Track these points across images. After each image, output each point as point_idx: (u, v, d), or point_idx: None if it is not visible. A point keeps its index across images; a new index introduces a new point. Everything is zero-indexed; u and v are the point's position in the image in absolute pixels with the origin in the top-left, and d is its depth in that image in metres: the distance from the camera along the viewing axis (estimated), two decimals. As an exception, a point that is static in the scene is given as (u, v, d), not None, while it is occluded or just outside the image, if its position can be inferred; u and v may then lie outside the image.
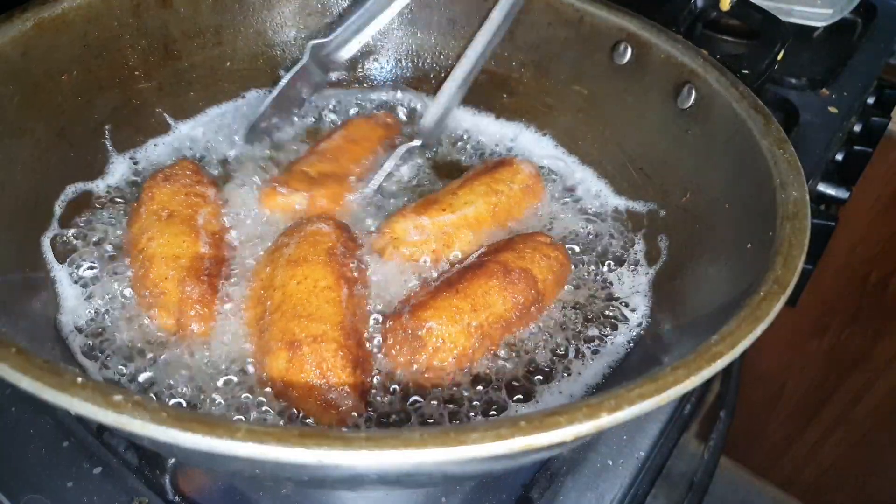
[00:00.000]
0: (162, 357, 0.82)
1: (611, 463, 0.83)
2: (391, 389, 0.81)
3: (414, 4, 1.19)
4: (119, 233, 0.95)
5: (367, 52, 1.23)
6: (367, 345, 0.84)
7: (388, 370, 0.82)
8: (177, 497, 0.77)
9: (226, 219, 0.98)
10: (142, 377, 0.80)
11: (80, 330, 0.84)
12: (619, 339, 0.89)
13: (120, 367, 0.81)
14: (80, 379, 0.45)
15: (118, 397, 0.44)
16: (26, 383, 0.46)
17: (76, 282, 0.88)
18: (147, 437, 0.43)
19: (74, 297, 0.86)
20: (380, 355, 0.84)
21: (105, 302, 0.87)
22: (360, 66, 1.24)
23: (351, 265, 0.88)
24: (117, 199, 1.00)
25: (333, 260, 0.85)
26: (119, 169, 1.03)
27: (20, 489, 0.76)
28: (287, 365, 0.75)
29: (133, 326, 0.85)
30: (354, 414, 0.76)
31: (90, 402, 0.44)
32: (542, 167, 1.11)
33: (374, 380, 0.82)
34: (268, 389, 0.79)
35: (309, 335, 0.76)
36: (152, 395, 0.79)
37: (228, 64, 1.14)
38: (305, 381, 0.74)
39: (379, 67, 1.24)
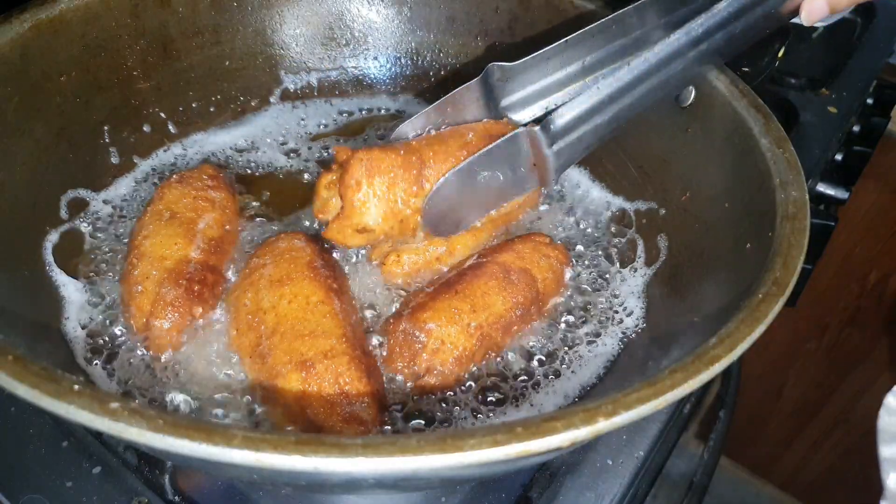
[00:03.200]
0: (161, 360, 0.82)
1: (610, 463, 0.83)
2: (391, 392, 0.81)
3: (414, 2, 1.18)
4: (123, 233, 0.95)
5: (365, 51, 1.22)
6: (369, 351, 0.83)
7: (389, 373, 0.82)
8: (176, 497, 0.77)
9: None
10: (144, 382, 0.80)
11: (82, 333, 0.83)
12: (617, 339, 0.89)
13: (123, 371, 0.81)
14: (76, 386, 0.45)
15: (115, 405, 0.43)
16: (23, 391, 0.45)
17: (80, 285, 0.88)
18: (144, 445, 0.43)
19: (78, 300, 0.86)
20: (381, 360, 0.83)
21: (108, 304, 0.87)
22: (358, 64, 1.23)
23: (333, 275, 0.86)
24: (121, 202, 1.00)
25: (317, 273, 0.83)
26: (123, 170, 1.03)
27: (20, 489, 0.76)
28: (302, 386, 0.73)
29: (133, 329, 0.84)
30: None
31: (87, 409, 0.44)
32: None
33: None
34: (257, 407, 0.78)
35: (319, 352, 0.75)
36: (151, 400, 0.79)
37: (227, 63, 1.13)
38: (326, 399, 0.73)
39: (378, 66, 1.24)
